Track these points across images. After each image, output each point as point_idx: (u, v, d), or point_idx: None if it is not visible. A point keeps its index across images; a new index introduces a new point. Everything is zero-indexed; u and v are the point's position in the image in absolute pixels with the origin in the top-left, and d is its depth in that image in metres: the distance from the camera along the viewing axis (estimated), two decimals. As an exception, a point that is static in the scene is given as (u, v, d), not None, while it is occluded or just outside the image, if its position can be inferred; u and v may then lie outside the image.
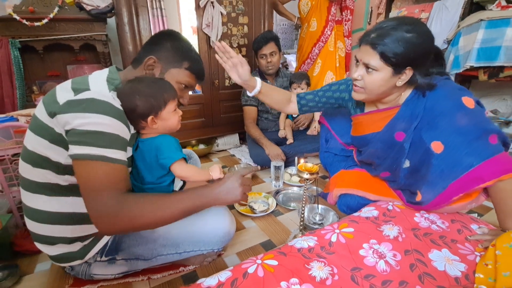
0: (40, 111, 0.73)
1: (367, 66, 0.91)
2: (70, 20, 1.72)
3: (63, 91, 0.72)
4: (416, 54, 0.85)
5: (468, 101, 0.89)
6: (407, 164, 1.00)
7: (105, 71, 0.82)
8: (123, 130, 0.73)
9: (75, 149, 0.67)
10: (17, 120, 1.13)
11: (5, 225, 1.02)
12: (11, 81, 1.62)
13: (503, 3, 1.64)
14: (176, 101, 0.84)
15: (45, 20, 1.61)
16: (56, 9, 1.65)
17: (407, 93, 0.97)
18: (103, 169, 0.67)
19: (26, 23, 1.58)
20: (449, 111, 0.88)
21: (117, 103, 0.73)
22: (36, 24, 1.61)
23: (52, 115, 0.69)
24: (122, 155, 0.71)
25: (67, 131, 0.68)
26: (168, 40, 0.87)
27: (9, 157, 1.07)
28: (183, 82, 0.88)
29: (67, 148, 0.71)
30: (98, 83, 0.75)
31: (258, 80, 1.12)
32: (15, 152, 1.09)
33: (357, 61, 0.96)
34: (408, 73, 0.89)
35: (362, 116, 1.12)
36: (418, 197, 0.96)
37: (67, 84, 0.75)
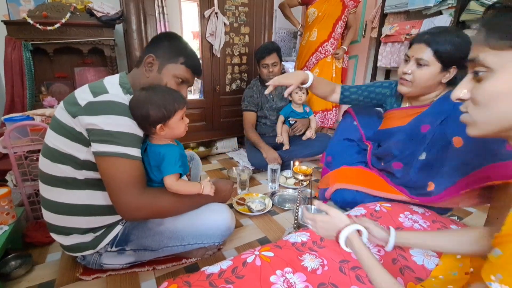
0: (60, 112, 0.81)
1: (418, 62, 1.00)
2: (81, 25, 1.81)
3: (83, 94, 0.80)
4: (462, 55, 0.95)
5: None
6: (423, 156, 1.07)
7: (116, 77, 0.89)
8: (138, 129, 0.81)
9: (99, 147, 0.74)
10: (33, 119, 1.19)
11: (19, 217, 1.08)
12: (22, 81, 1.69)
13: (487, 23, 1.76)
14: (184, 110, 0.90)
15: (58, 25, 1.70)
16: (68, 14, 1.73)
17: (442, 94, 1.07)
18: (125, 166, 0.76)
19: (40, 27, 1.66)
20: None
21: None
22: (49, 28, 1.69)
23: (74, 115, 0.76)
24: (139, 152, 0.80)
25: (89, 130, 0.75)
26: (165, 40, 0.94)
27: (24, 153, 1.13)
28: (179, 76, 0.93)
29: (85, 145, 0.78)
30: (114, 86, 0.83)
31: (309, 74, 1.23)
32: (30, 149, 1.15)
33: (407, 58, 1.05)
34: (452, 72, 0.99)
35: (397, 111, 1.21)
36: (431, 187, 1.03)
37: (85, 88, 0.82)
